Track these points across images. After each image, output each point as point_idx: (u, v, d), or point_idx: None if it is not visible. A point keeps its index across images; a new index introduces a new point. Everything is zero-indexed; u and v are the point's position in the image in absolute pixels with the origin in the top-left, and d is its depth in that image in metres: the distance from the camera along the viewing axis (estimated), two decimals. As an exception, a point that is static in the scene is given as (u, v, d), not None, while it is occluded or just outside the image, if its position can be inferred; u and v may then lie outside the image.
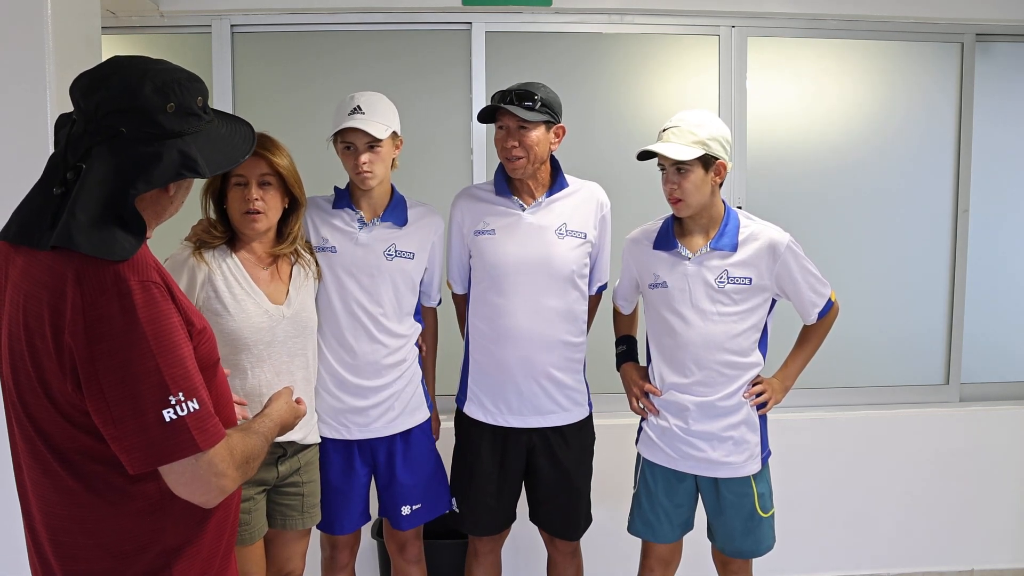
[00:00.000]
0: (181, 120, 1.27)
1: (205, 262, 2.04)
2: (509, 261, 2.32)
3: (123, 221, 1.22)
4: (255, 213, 2.05)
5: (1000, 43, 3.42)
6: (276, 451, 2.14)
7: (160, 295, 1.23)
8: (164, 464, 1.22)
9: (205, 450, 1.23)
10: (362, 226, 2.29)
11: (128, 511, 1.29)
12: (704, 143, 2.14)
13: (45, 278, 1.22)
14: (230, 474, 1.28)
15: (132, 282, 1.20)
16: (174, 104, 1.26)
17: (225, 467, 1.26)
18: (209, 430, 1.24)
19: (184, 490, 1.25)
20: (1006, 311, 3.53)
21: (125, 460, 1.21)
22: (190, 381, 1.23)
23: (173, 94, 1.26)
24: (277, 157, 2.08)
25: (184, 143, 1.26)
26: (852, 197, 3.39)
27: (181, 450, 1.21)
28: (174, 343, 1.22)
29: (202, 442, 1.22)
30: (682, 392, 2.26)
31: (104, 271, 1.19)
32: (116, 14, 3.06)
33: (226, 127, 1.38)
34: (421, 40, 3.21)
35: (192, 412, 1.22)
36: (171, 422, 1.20)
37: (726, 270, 2.21)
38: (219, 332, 2.02)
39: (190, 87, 1.30)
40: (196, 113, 1.30)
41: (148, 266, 1.24)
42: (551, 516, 2.46)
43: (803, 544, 3.23)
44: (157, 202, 1.32)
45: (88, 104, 1.25)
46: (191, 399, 1.22)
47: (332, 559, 2.44)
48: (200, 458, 1.23)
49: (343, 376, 2.28)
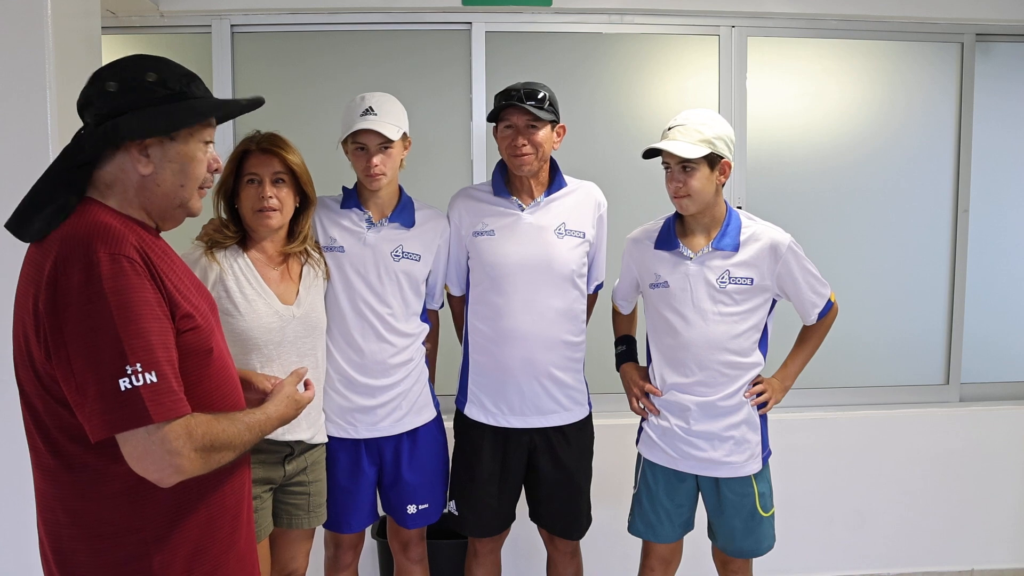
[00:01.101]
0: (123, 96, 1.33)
1: (217, 262, 2.05)
2: (509, 261, 2.32)
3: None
4: (269, 210, 2.06)
5: (1000, 43, 3.42)
6: (283, 450, 2.14)
7: (131, 268, 1.25)
8: (118, 432, 1.23)
9: (157, 423, 1.23)
10: (370, 226, 2.29)
11: (104, 493, 1.30)
12: (710, 142, 2.14)
13: (36, 256, 1.29)
14: (186, 453, 1.26)
15: (100, 253, 1.24)
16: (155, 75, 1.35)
17: (180, 445, 1.25)
18: (166, 404, 1.24)
19: (137, 464, 1.25)
20: (1006, 311, 3.53)
21: (87, 427, 1.24)
22: (151, 354, 1.24)
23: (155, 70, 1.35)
24: (290, 155, 2.10)
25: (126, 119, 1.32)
26: (852, 197, 3.39)
27: (133, 420, 1.22)
28: (138, 315, 1.24)
29: (155, 414, 1.22)
30: (683, 392, 2.26)
31: (77, 246, 1.24)
32: (116, 14, 3.06)
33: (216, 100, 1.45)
34: (421, 40, 3.21)
35: (148, 384, 1.22)
36: (126, 391, 1.21)
37: (728, 270, 2.21)
38: (230, 332, 2.02)
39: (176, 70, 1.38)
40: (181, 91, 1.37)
41: (124, 242, 1.27)
42: (551, 515, 2.46)
43: (803, 544, 3.23)
44: (143, 188, 1.36)
45: (86, 117, 1.36)
46: (149, 371, 1.23)
47: (336, 559, 2.44)
48: (153, 432, 1.23)
49: (351, 375, 2.28)
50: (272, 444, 2.11)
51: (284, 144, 2.12)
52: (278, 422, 1.54)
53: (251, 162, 2.08)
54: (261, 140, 2.11)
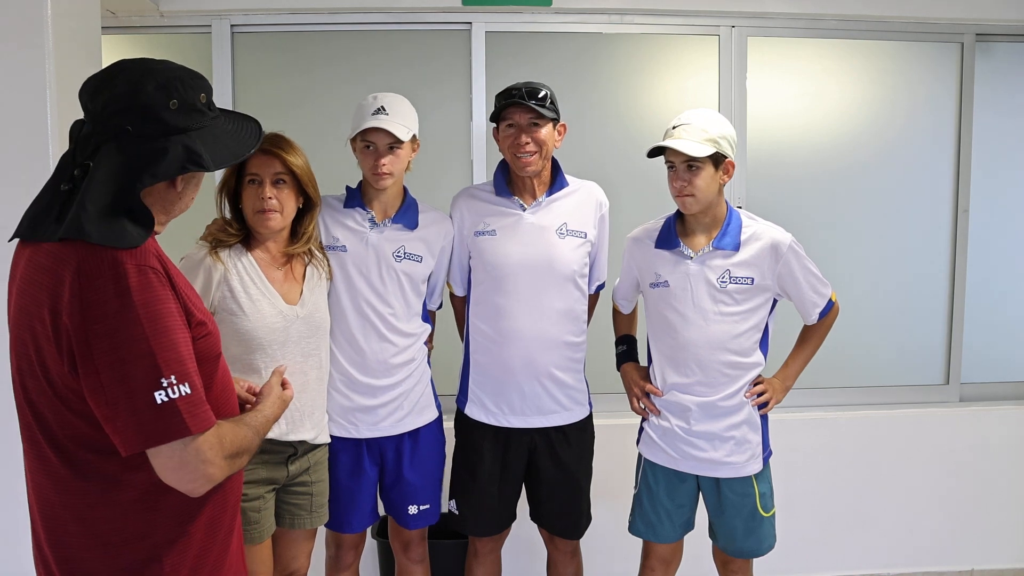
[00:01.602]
0: (185, 116, 1.31)
1: (221, 261, 2.04)
2: (511, 261, 2.32)
3: (132, 213, 1.26)
4: (269, 211, 2.05)
5: (1000, 43, 3.42)
6: (287, 450, 2.14)
7: (157, 280, 1.25)
8: (154, 446, 1.23)
9: (195, 434, 1.24)
10: (373, 226, 2.29)
11: (117, 500, 1.30)
12: (715, 141, 2.14)
13: (47, 263, 1.26)
14: (217, 463, 1.28)
15: (128, 265, 1.23)
16: (177, 101, 1.29)
17: (213, 455, 1.27)
18: (199, 415, 1.25)
19: (171, 476, 1.26)
20: (1006, 311, 3.53)
21: (118, 441, 1.23)
22: (183, 365, 1.24)
23: (176, 91, 1.30)
24: (291, 156, 2.09)
25: (189, 138, 1.30)
26: (852, 197, 3.39)
27: (171, 432, 1.22)
28: (168, 327, 1.24)
29: (193, 426, 1.24)
30: (683, 392, 2.26)
31: (102, 256, 1.22)
32: (116, 14, 3.06)
33: (233, 124, 1.42)
34: (421, 40, 3.21)
35: (184, 396, 1.23)
36: (162, 404, 1.22)
37: (728, 270, 2.21)
38: (234, 332, 2.03)
39: (193, 84, 1.33)
40: (200, 109, 1.33)
41: (147, 252, 1.27)
42: (552, 515, 2.46)
43: (803, 544, 3.23)
44: (165, 197, 1.35)
45: (95, 105, 1.29)
46: (183, 383, 1.24)
47: (337, 558, 2.43)
48: (188, 443, 1.24)
49: (352, 375, 2.27)
50: (275, 444, 2.11)
51: (286, 145, 2.11)
52: (272, 422, 1.57)
53: (252, 162, 2.07)
54: (263, 141, 2.10)
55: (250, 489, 2.08)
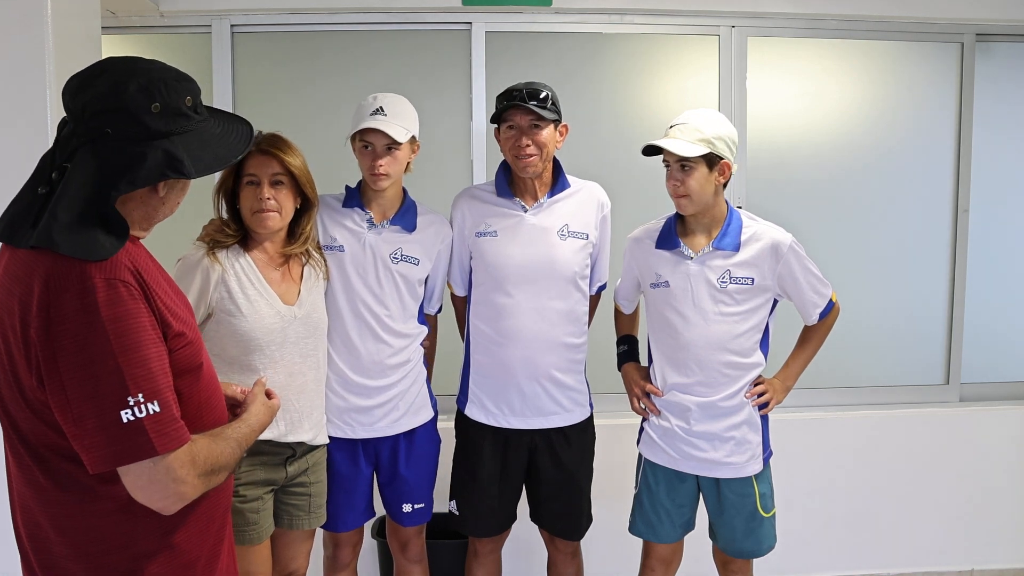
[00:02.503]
0: (168, 120, 1.26)
1: (218, 262, 2.04)
2: (512, 263, 2.32)
3: (105, 222, 1.22)
4: (267, 212, 2.05)
5: (1000, 43, 3.42)
6: (285, 451, 2.14)
7: (127, 293, 1.21)
8: (120, 465, 1.20)
9: (162, 454, 1.20)
10: (371, 227, 2.29)
11: (96, 511, 1.27)
12: (709, 141, 2.14)
13: (20, 273, 1.22)
14: (190, 481, 1.25)
15: (96, 279, 1.19)
16: (160, 104, 1.25)
17: (185, 473, 1.24)
18: (170, 434, 1.21)
19: (141, 494, 1.23)
20: (1006, 311, 3.53)
21: (85, 459, 1.20)
22: (153, 382, 1.20)
23: (159, 94, 1.25)
24: (289, 156, 2.08)
25: (171, 143, 1.26)
26: (852, 197, 3.39)
27: (137, 452, 1.19)
28: (138, 342, 1.20)
29: (160, 446, 1.20)
30: (684, 392, 2.26)
31: (71, 268, 1.18)
32: (116, 14, 3.06)
33: (221, 127, 1.37)
34: (421, 40, 3.21)
35: (152, 415, 1.19)
36: (128, 423, 1.18)
37: (728, 270, 2.21)
38: (232, 333, 2.03)
39: (177, 86, 1.29)
40: (184, 113, 1.29)
41: (118, 264, 1.22)
42: (552, 516, 2.46)
43: (803, 544, 3.23)
44: (147, 203, 1.31)
45: (76, 105, 1.26)
46: (152, 401, 1.20)
47: (334, 558, 2.43)
48: (158, 462, 1.21)
49: (348, 375, 2.27)
50: (274, 446, 2.11)
51: (284, 145, 2.11)
52: (259, 432, 1.52)
53: (250, 163, 2.07)
54: (261, 141, 2.10)
55: (248, 490, 2.08)
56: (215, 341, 2.04)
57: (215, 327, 2.04)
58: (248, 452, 2.04)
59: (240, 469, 2.07)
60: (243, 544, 2.07)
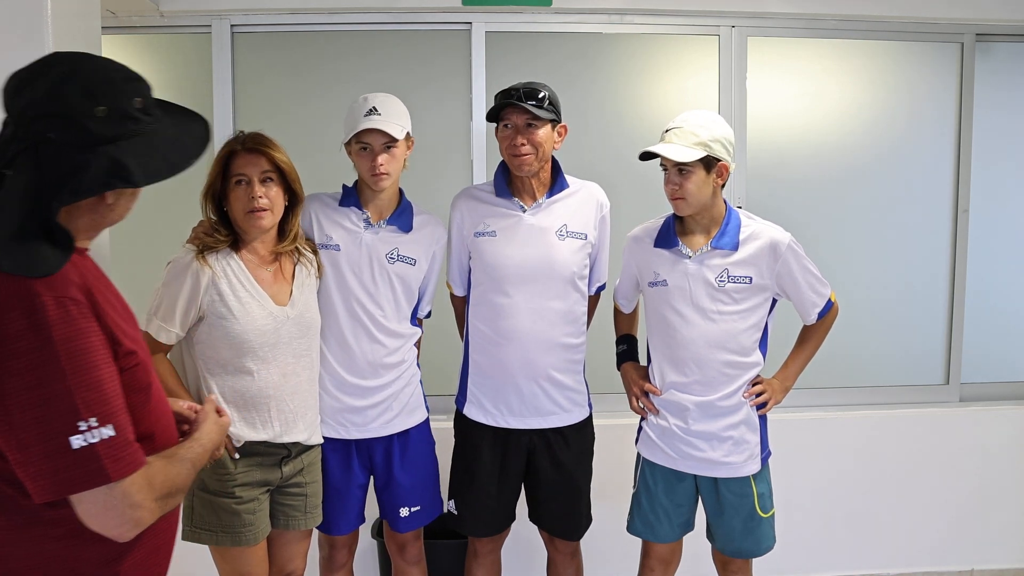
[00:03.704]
0: (114, 124, 1.18)
1: (209, 265, 2.03)
2: (510, 263, 2.32)
3: (48, 234, 1.14)
4: (260, 211, 2.04)
5: (1000, 43, 3.42)
6: (280, 452, 2.14)
7: (78, 312, 1.14)
8: (71, 494, 1.13)
9: (117, 480, 1.14)
10: (367, 227, 2.29)
11: (35, 536, 1.20)
12: (706, 144, 2.13)
13: None
14: (147, 505, 1.19)
15: (45, 297, 1.12)
16: (105, 107, 1.17)
17: (142, 498, 1.18)
18: (124, 459, 1.15)
19: (95, 522, 1.16)
20: (1006, 311, 3.53)
21: (31, 488, 1.13)
22: (106, 405, 1.14)
23: (104, 96, 1.17)
24: (277, 152, 2.08)
25: (117, 149, 1.17)
26: (852, 197, 3.39)
27: (88, 480, 1.13)
28: (91, 364, 1.14)
29: (114, 471, 1.14)
30: (682, 391, 2.26)
31: (17, 286, 1.11)
32: (116, 14, 3.06)
33: (175, 129, 1.29)
34: (421, 40, 3.21)
35: (105, 439, 1.13)
36: (79, 450, 1.11)
37: (727, 269, 2.21)
38: (224, 335, 2.02)
39: (126, 87, 1.21)
40: (132, 116, 1.20)
41: (67, 281, 1.15)
42: (551, 517, 2.46)
43: (803, 544, 3.23)
44: (95, 211, 1.24)
45: (15, 107, 1.17)
46: (105, 425, 1.13)
47: (330, 558, 2.44)
48: (114, 488, 1.14)
49: (342, 376, 2.28)
50: (269, 447, 2.11)
51: (270, 142, 2.09)
52: (210, 452, 1.46)
53: (238, 163, 2.06)
54: (246, 140, 2.09)
55: (244, 491, 2.08)
56: (207, 344, 2.04)
57: (207, 330, 2.04)
58: (243, 453, 2.06)
59: (236, 470, 2.07)
60: (239, 545, 2.07)
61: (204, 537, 2.08)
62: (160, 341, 2.03)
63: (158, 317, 2.02)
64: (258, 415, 2.08)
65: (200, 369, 2.07)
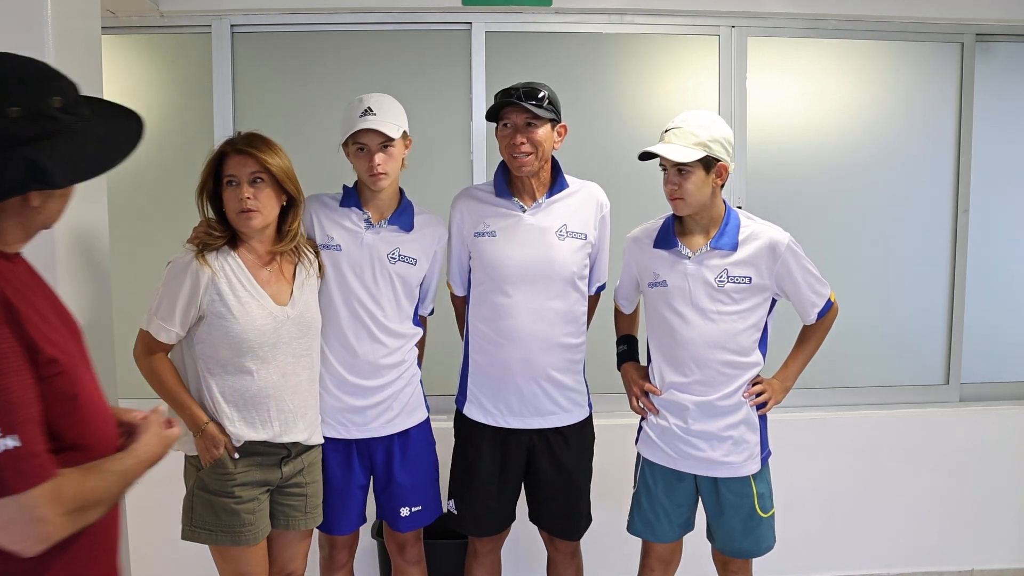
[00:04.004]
0: (30, 124, 1.13)
1: (208, 265, 2.03)
2: (510, 263, 2.32)
3: None
4: (249, 211, 2.04)
5: (1000, 43, 3.42)
6: (280, 452, 2.14)
7: None
8: None
9: (18, 492, 1.09)
10: (368, 227, 2.29)
11: None
12: (705, 145, 2.14)
13: None
14: (54, 520, 1.12)
15: None
16: (19, 107, 1.12)
17: (47, 512, 1.11)
18: (27, 471, 1.10)
19: None
20: (1006, 311, 3.53)
21: None
22: (11, 414, 1.09)
23: (18, 95, 1.13)
24: (267, 155, 2.07)
25: (34, 150, 1.13)
26: (852, 197, 3.39)
27: None
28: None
29: (15, 484, 1.08)
30: (682, 391, 2.26)
31: None
32: (116, 14, 3.06)
33: (104, 127, 1.24)
34: (421, 40, 3.21)
35: (8, 450, 1.08)
36: None
37: (726, 269, 2.21)
38: (224, 335, 2.02)
39: (43, 85, 1.16)
40: (51, 115, 1.16)
41: None
42: (551, 516, 2.46)
43: (803, 544, 3.23)
44: (20, 213, 1.19)
45: None
46: (10, 435, 1.08)
47: (330, 558, 2.44)
48: (16, 500, 1.09)
49: (342, 375, 2.28)
50: (269, 447, 2.11)
51: (260, 144, 2.09)
52: (149, 465, 1.36)
53: (229, 164, 2.07)
54: (238, 141, 2.09)
55: (244, 491, 2.08)
56: (207, 343, 2.05)
57: (207, 330, 2.04)
58: (243, 453, 2.07)
59: (236, 469, 2.07)
60: (240, 545, 2.07)
61: (203, 537, 2.09)
62: (160, 340, 2.04)
63: (158, 316, 2.02)
64: (258, 415, 2.08)
65: (200, 369, 2.07)
